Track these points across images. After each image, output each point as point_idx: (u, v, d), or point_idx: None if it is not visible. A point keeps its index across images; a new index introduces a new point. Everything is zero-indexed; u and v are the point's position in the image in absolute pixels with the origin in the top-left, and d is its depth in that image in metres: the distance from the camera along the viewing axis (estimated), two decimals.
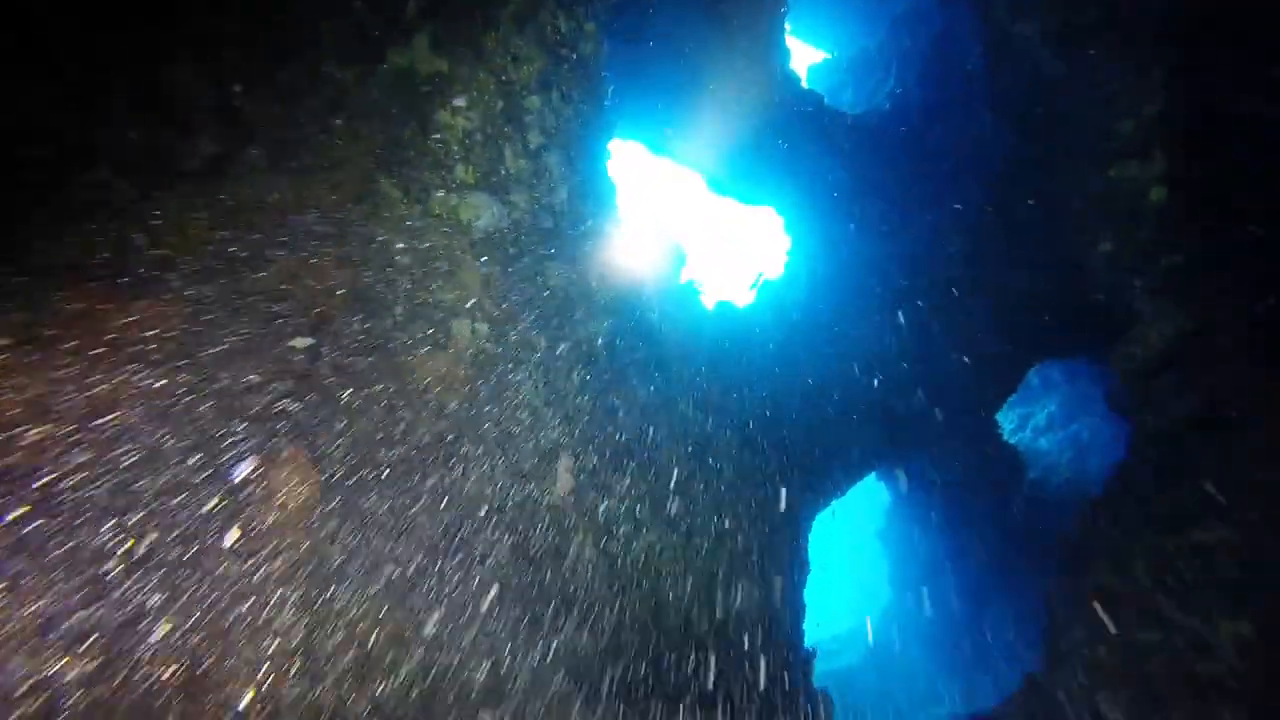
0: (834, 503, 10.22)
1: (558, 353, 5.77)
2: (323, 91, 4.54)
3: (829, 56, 14.27)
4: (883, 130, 10.62)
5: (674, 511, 6.73)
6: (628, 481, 6.39)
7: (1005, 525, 11.59)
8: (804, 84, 11.09)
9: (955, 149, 9.17)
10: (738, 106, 10.66)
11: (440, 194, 4.94)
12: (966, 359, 9.83)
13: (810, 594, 9.32)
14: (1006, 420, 14.65)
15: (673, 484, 6.68)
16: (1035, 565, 11.11)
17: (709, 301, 10.90)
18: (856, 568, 17.87)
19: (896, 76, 11.58)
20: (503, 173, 5.23)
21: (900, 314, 9.60)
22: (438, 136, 4.90)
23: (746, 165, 11.22)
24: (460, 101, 4.95)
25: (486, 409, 5.28)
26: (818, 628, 15.98)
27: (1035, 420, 14.95)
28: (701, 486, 6.94)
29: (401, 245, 4.77)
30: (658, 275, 10.58)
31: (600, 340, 6.13)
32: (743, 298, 11.48)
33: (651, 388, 6.70)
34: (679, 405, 6.91)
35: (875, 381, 9.70)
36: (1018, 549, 11.29)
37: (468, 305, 5.14)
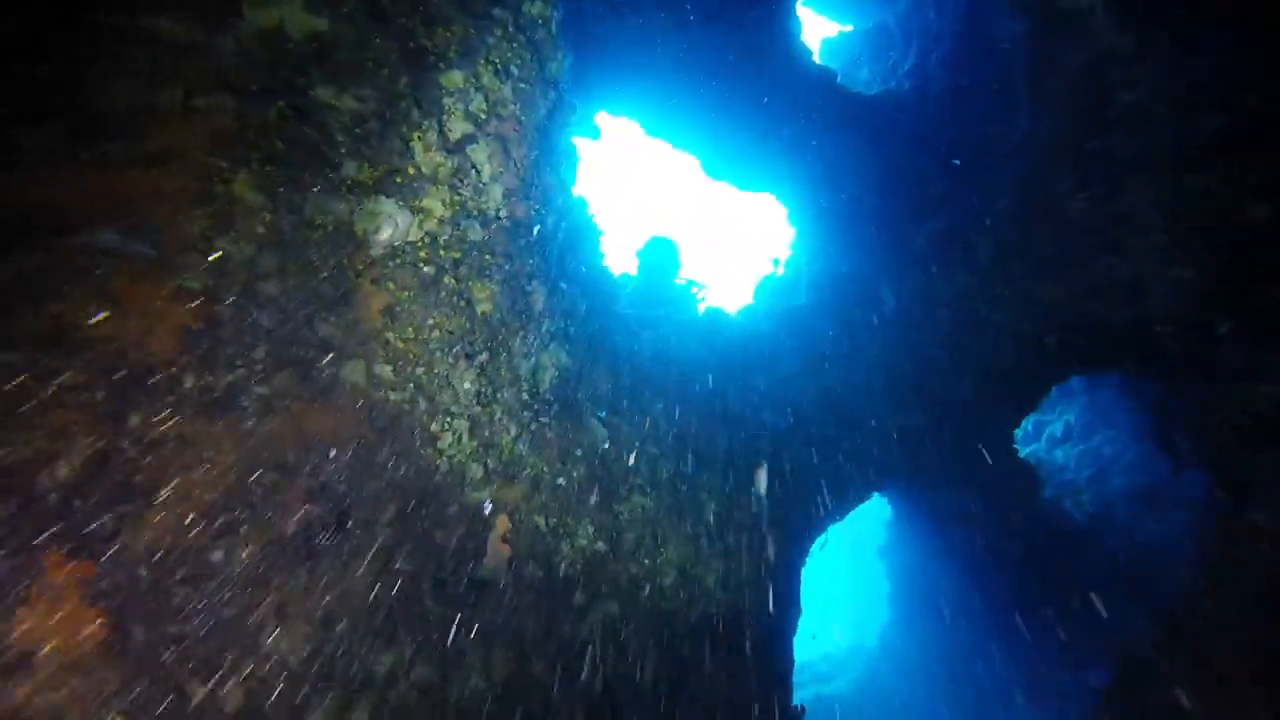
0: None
1: (491, 396, 4.52)
2: (147, 52, 3.24)
3: (845, 30, 12.74)
4: (900, 114, 9.19)
5: (639, 577, 5.54)
6: (582, 542, 5.19)
7: (1017, 550, 10.37)
8: (816, 58, 9.69)
9: (984, 139, 7.76)
10: (740, 81, 9.29)
11: (322, 198, 3.66)
12: (983, 374, 8.54)
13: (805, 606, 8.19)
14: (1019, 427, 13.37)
15: (638, 547, 5.48)
16: (1049, 597, 9.92)
17: (705, 305, 9.68)
18: (855, 581, 16.74)
19: (917, 55, 10.09)
20: (411, 171, 3.93)
21: (911, 322, 8.29)
22: (317, 122, 3.59)
23: (746, 147, 9.86)
24: (347, 75, 3.64)
25: (390, 471, 4.05)
26: (812, 642, 14.94)
27: (1052, 429, 13.66)
28: (673, 551, 5.73)
29: (265, 268, 3.50)
30: (640, 283, 9.30)
31: (548, 376, 4.87)
32: (743, 298, 10.20)
33: (618, 425, 5.46)
34: (648, 446, 5.67)
35: (883, 396, 8.43)
36: (1030, 577, 10.09)
37: (363, 343, 3.88)
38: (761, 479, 6.51)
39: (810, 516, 7.89)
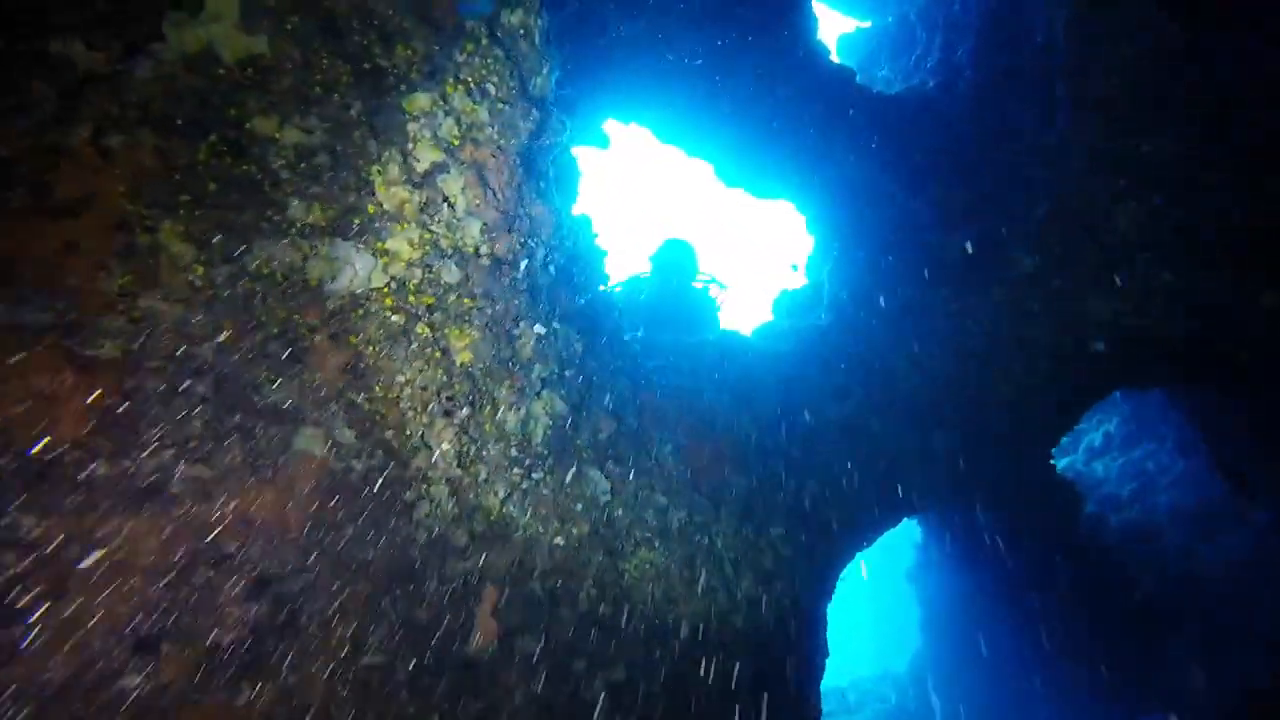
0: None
1: (475, 454, 3.98)
2: (51, 81, 2.75)
3: (864, 26, 12.05)
4: (924, 114, 8.54)
5: (649, 637, 4.98)
6: (584, 607, 4.64)
7: (1059, 576, 9.66)
8: (833, 57, 9.06)
9: (1018, 141, 7.10)
10: (754, 82, 8.70)
11: (265, 245, 3.14)
12: (1020, 391, 7.86)
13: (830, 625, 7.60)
14: None
15: (647, 606, 4.92)
16: (1097, 629, 9.22)
17: (724, 309, 9.09)
18: (881, 603, 16.02)
19: (941, 49, 9.41)
20: (371, 209, 3.40)
21: (942, 339, 7.64)
22: (256, 157, 3.07)
23: (761, 152, 9.26)
24: (291, 103, 3.12)
25: (354, 551, 3.53)
26: (836, 674, 14.28)
27: (1090, 439, 12.89)
28: (687, 606, 5.16)
29: (198, 329, 2.99)
30: (655, 288, 8.74)
31: (541, 427, 4.32)
32: (760, 312, 9.62)
33: (621, 473, 4.91)
34: (656, 494, 5.10)
35: (912, 418, 7.79)
36: (1075, 607, 9.38)
37: (321, 407, 3.37)
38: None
39: (836, 553, 7.29)
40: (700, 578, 5.32)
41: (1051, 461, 9.43)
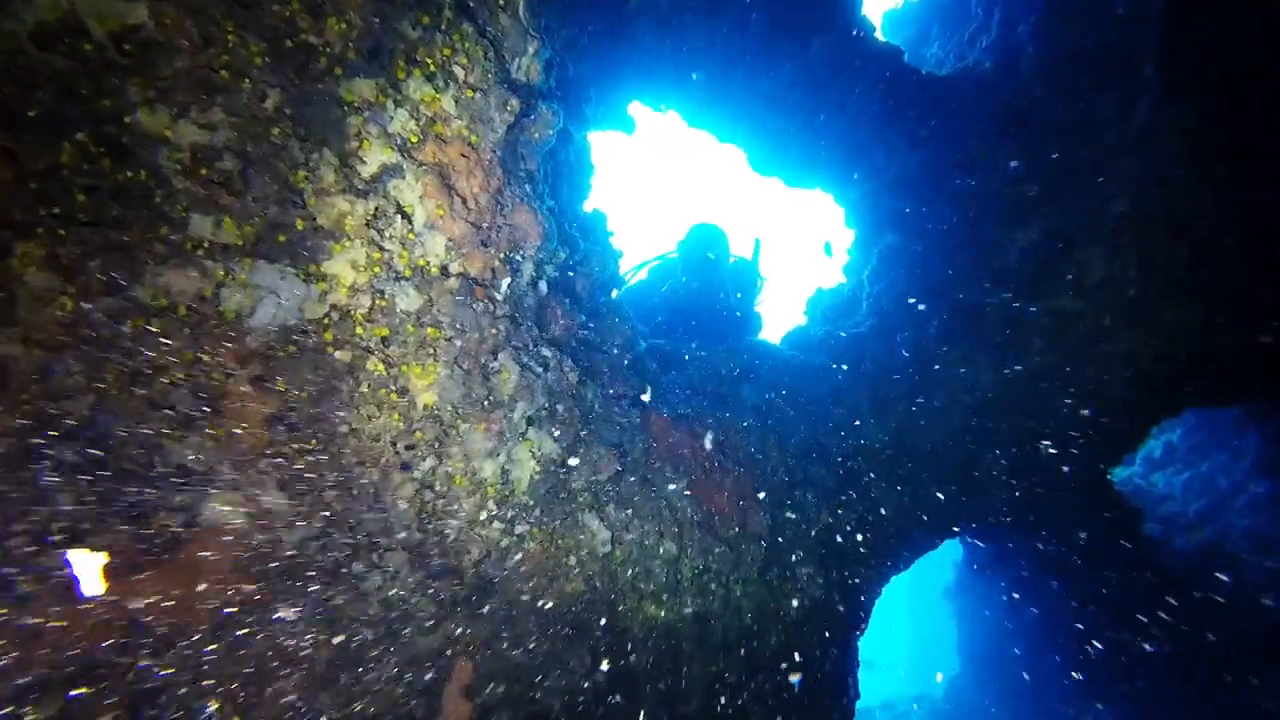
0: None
1: (442, 511, 3.29)
2: None
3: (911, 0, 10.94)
4: (981, 98, 7.53)
5: (656, 707, 4.27)
6: (578, 677, 3.95)
7: (1116, 604, 8.69)
8: (879, 35, 8.08)
9: (1094, 131, 6.10)
10: (792, 62, 7.79)
11: (160, 271, 2.46)
12: (1083, 407, 6.91)
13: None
14: None
15: (654, 671, 4.20)
16: (1159, 668, 8.26)
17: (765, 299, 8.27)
18: (917, 621, 15.07)
19: (1000, 25, 8.33)
20: (300, 224, 2.69)
21: (995, 350, 6.71)
22: (143, 161, 2.38)
23: (798, 138, 8.36)
24: (185, 91, 2.41)
25: (283, 637, 2.87)
26: (869, 691, 13.47)
27: (1150, 449, 11.76)
28: (700, 668, 4.43)
29: (67, 381, 2.33)
30: (683, 271, 7.91)
31: (527, 473, 3.61)
32: (793, 312, 8.83)
33: (624, 519, 4.18)
34: (665, 542, 4.36)
35: (960, 436, 6.91)
36: (1136, 641, 8.42)
37: (240, 467, 2.69)
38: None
39: (872, 582, 6.50)
40: (716, 634, 4.58)
41: (1112, 484, 8.44)
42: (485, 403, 3.34)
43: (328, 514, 2.92)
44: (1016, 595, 9.28)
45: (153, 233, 2.43)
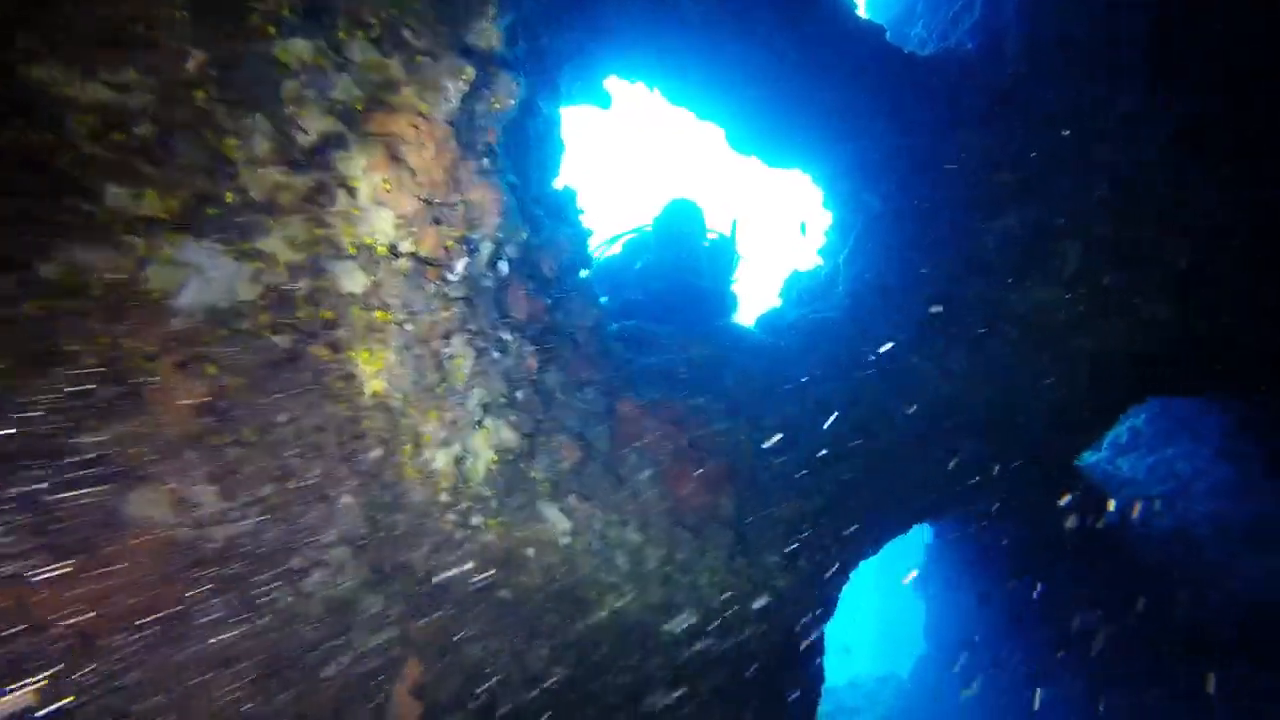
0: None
1: (390, 505, 3.12)
2: None
3: None
4: (963, 80, 7.37)
5: (614, 701, 4.17)
6: (535, 668, 3.83)
7: (1084, 592, 8.78)
8: (861, 12, 7.88)
9: (1079, 116, 5.97)
10: (773, 38, 7.56)
11: (72, 246, 2.23)
12: (1055, 396, 6.88)
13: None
14: None
15: (613, 664, 4.09)
16: (1124, 653, 8.37)
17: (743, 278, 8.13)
18: (885, 602, 15.24)
19: (984, 6, 8.15)
20: (231, 197, 2.46)
21: (971, 340, 6.63)
22: (46, 123, 2.14)
23: (777, 117, 8.17)
24: (91, 50, 2.17)
25: (217, 639, 2.70)
26: (837, 671, 13.60)
27: (1116, 434, 11.86)
28: (663, 658, 4.33)
29: None
30: (656, 247, 7.73)
31: (483, 464, 3.44)
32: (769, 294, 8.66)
33: (586, 509, 4.03)
34: (629, 532, 4.22)
35: (932, 424, 6.84)
36: (1099, 624, 8.51)
37: (167, 458, 2.50)
38: None
39: (841, 569, 6.45)
40: (679, 624, 4.48)
41: (1080, 477, 8.48)
42: (438, 390, 3.16)
43: (264, 508, 2.73)
44: (982, 579, 9.34)
45: (59, 204, 2.20)
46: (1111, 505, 9.85)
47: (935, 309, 5.97)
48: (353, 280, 2.80)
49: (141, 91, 2.21)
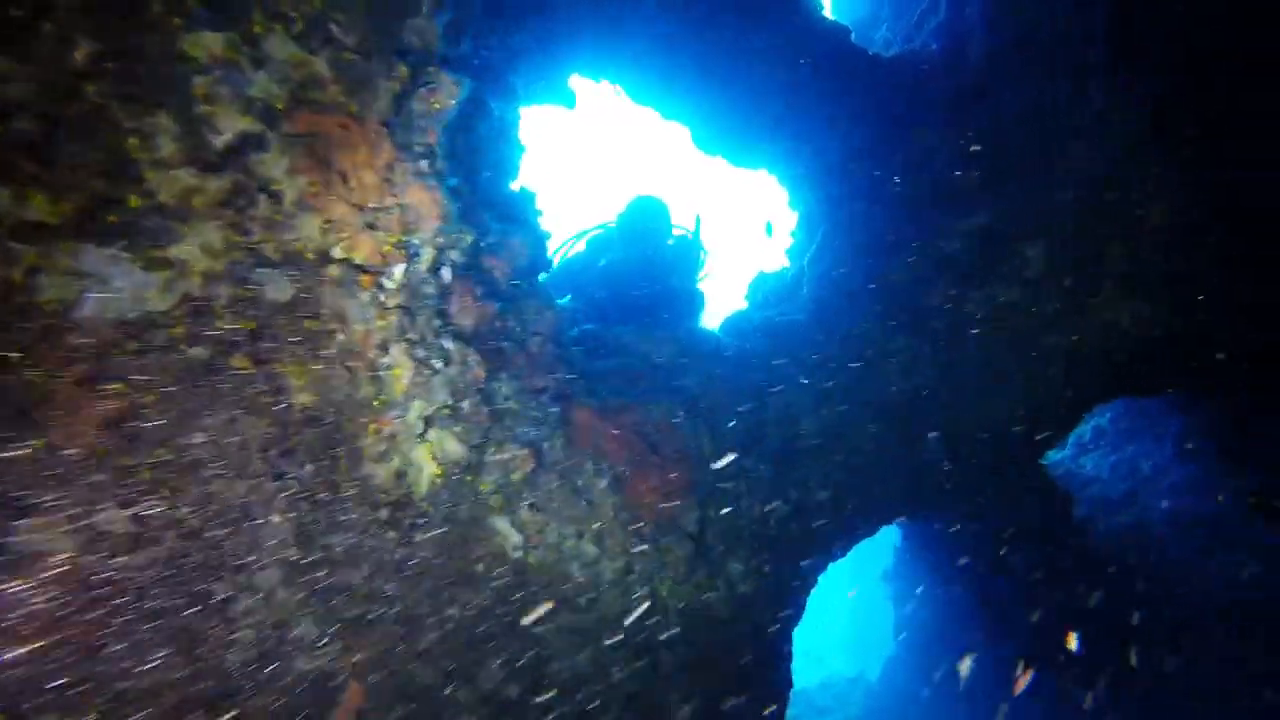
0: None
1: (323, 525, 2.95)
2: None
3: None
4: (928, 81, 7.34)
5: (569, 715, 4.03)
6: (486, 686, 3.68)
7: (1049, 590, 8.80)
8: (826, 12, 7.82)
9: (1040, 116, 5.94)
10: (736, 37, 7.47)
11: None
12: (1019, 397, 6.86)
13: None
14: None
15: (570, 679, 3.95)
16: (1089, 650, 8.41)
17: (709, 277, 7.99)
18: (856, 602, 15.29)
19: (949, 6, 8.12)
20: (136, 201, 2.29)
21: (935, 342, 6.59)
22: None
23: (741, 117, 8.07)
24: None
25: (125, 674, 2.51)
26: (807, 672, 13.59)
27: (1079, 433, 11.95)
28: (622, 674, 4.20)
29: None
30: (621, 244, 7.57)
31: (425, 478, 3.28)
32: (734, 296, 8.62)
33: (539, 521, 3.89)
34: (584, 544, 4.09)
35: (898, 425, 6.79)
36: (1065, 621, 8.55)
37: (68, 481, 2.31)
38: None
39: (807, 573, 6.37)
40: (638, 638, 4.36)
41: (1044, 476, 8.50)
42: (375, 403, 2.99)
43: (182, 533, 2.55)
44: (949, 580, 9.35)
45: None
46: (1074, 503, 9.90)
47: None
48: (278, 289, 2.63)
49: (26, 83, 2.03)
